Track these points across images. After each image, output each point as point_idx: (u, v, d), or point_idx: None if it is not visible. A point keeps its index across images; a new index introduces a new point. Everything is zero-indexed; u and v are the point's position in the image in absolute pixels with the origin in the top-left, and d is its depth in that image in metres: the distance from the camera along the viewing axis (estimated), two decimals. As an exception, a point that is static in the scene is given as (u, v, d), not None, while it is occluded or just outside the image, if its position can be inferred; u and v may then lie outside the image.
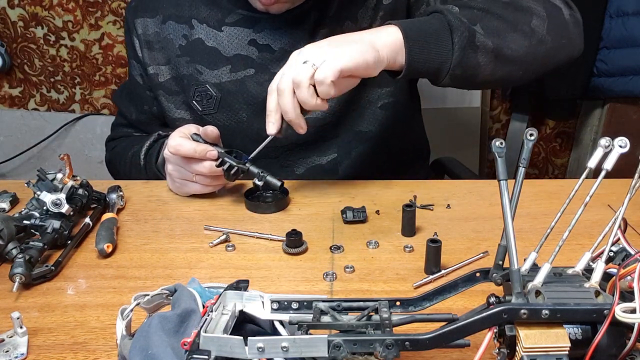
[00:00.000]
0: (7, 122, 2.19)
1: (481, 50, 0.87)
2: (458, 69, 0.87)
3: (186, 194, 0.95)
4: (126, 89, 1.19)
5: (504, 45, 0.89)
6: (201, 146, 0.88)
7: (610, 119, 1.83)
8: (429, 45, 0.85)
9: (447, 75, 0.87)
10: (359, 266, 0.75)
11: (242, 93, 1.04)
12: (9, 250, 0.73)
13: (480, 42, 0.87)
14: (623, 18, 1.64)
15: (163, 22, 1.06)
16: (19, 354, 0.60)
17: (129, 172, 1.09)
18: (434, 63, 0.86)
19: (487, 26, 0.88)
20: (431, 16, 0.89)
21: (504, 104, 2.08)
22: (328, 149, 1.07)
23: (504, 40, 0.89)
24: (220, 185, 0.95)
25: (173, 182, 0.95)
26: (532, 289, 0.46)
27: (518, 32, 0.90)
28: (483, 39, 0.87)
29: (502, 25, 0.89)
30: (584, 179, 0.48)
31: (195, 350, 0.44)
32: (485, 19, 0.89)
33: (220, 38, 1.03)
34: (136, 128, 1.18)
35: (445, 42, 0.85)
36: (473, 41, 0.86)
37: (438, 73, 0.87)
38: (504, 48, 0.89)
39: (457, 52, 0.85)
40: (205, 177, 0.91)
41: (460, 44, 0.85)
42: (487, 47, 0.87)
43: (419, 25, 0.86)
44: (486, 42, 0.87)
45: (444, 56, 0.85)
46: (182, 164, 0.91)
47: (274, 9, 0.97)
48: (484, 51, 0.88)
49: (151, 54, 1.07)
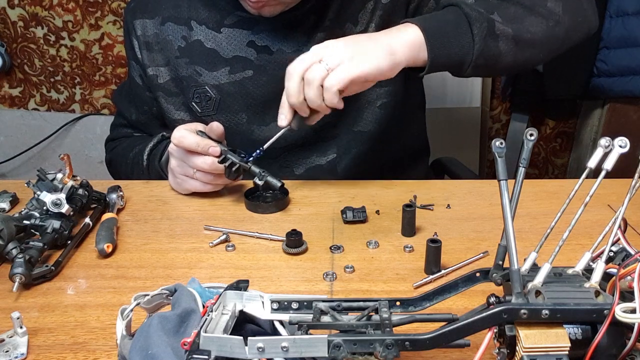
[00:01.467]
0: (7, 122, 2.19)
1: (501, 38, 0.88)
2: (480, 59, 0.87)
3: (186, 191, 0.95)
4: (125, 89, 1.19)
5: (523, 30, 0.90)
6: (205, 141, 0.88)
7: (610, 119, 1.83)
8: (449, 39, 0.85)
9: (469, 66, 0.88)
10: (359, 266, 0.75)
11: (241, 94, 1.04)
12: (9, 250, 0.73)
13: (499, 30, 0.88)
14: (623, 18, 1.64)
15: (162, 24, 1.06)
16: (19, 354, 0.60)
17: (131, 172, 1.09)
18: (456, 56, 0.87)
19: (504, 13, 0.89)
20: (446, 10, 0.90)
21: (504, 104, 2.08)
22: (327, 149, 1.07)
23: (522, 25, 0.90)
24: (220, 186, 0.95)
25: (174, 178, 0.95)
26: (532, 289, 0.46)
27: (535, 16, 0.91)
28: (502, 26, 0.88)
29: (519, 10, 0.90)
30: (584, 179, 0.48)
31: (195, 350, 0.44)
32: (501, 6, 0.89)
33: (219, 39, 1.03)
34: (136, 128, 1.18)
35: (465, 34, 0.86)
36: (493, 30, 0.87)
37: (461, 65, 0.88)
38: (524, 33, 0.90)
39: (478, 43, 0.86)
40: (206, 173, 0.91)
41: (481, 34, 0.86)
42: (507, 34, 0.88)
43: (436, 20, 0.87)
44: (505, 30, 0.88)
45: (465, 48, 0.86)
46: (184, 158, 0.90)
47: (265, 12, 0.97)
48: (505, 38, 0.88)
49: (150, 55, 1.07)
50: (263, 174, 0.88)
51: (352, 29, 1.01)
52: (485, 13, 0.88)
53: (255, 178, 0.88)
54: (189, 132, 0.89)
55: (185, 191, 0.96)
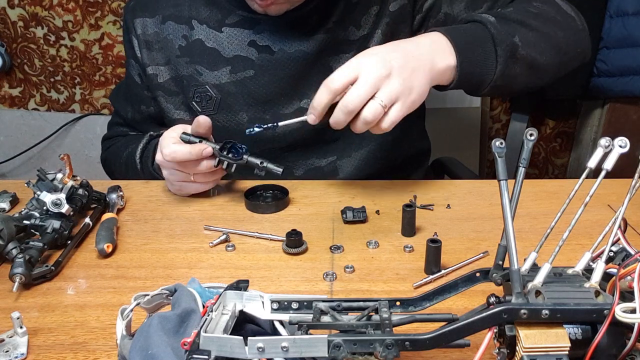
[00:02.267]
0: (7, 122, 2.19)
1: (520, 62, 0.90)
2: (499, 81, 0.89)
3: (187, 194, 0.95)
4: (123, 88, 1.19)
5: (537, 57, 0.92)
6: (195, 147, 0.87)
7: (610, 119, 1.83)
8: (476, 58, 0.87)
9: (488, 86, 0.89)
10: (359, 266, 0.75)
11: (242, 94, 1.04)
12: (9, 250, 0.73)
13: (520, 55, 0.90)
14: (623, 18, 1.64)
15: (162, 22, 1.06)
16: (19, 354, 0.60)
17: (125, 172, 1.08)
18: (479, 76, 0.88)
19: (524, 37, 0.90)
20: (474, 26, 0.90)
21: (504, 104, 2.08)
22: (327, 152, 1.07)
23: (537, 52, 0.92)
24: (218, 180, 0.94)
25: (172, 185, 0.95)
26: (532, 289, 0.46)
27: (548, 44, 0.93)
28: (522, 50, 0.90)
29: (537, 36, 0.92)
30: (584, 179, 0.48)
31: (195, 350, 0.44)
32: (522, 31, 0.91)
33: (220, 39, 1.03)
34: (132, 127, 1.18)
35: (490, 54, 0.88)
36: (514, 54, 0.89)
37: (480, 85, 0.90)
38: (538, 59, 0.92)
39: (501, 65, 0.88)
40: (204, 174, 0.91)
41: (505, 56, 0.88)
42: (525, 58, 0.90)
43: (467, 38, 0.87)
44: (525, 54, 0.90)
45: (489, 69, 0.88)
46: (179, 167, 0.90)
47: (272, 11, 0.97)
48: (522, 63, 0.90)
49: (150, 54, 1.07)
50: (262, 164, 0.87)
51: (354, 33, 1.01)
52: (509, 36, 0.89)
53: (255, 170, 0.87)
54: (177, 145, 0.88)
55: (187, 194, 0.96)
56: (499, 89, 0.92)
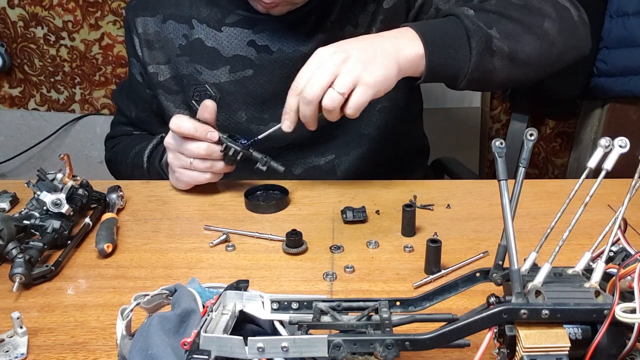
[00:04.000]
0: (7, 122, 2.19)
1: (497, 54, 0.89)
2: (475, 74, 0.88)
3: (186, 185, 0.95)
4: (126, 87, 1.19)
5: (518, 49, 0.90)
6: (203, 126, 0.88)
7: (610, 119, 1.83)
8: (447, 51, 0.86)
9: (464, 79, 0.89)
10: (359, 266, 0.75)
11: (241, 93, 1.04)
12: (9, 250, 0.73)
13: (496, 47, 0.88)
14: (623, 18, 1.64)
15: (163, 22, 1.06)
16: (19, 354, 0.60)
17: (131, 172, 1.09)
18: (452, 69, 0.87)
19: (502, 30, 0.89)
20: (447, 19, 0.90)
21: (504, 104, 2.08)
22: (326, 150, 1.07)
23: (518, 44, 0.90)
24: (219, 175, 0.93)
25: (173, 174, 0.95)
26: (532, 289, 0.46)
27: (532, 35, 0.91)
28: (499, 43, 0.88)
29: (517, 28, 0.90)
30: (584, 179, 0.48)
31: (195, 350, 0.44)
32: (500, 23, 0.90)
33: (220, 38, 1.03)
34: (135, 126, 1.18)
35: (463, 48, 0.87)
36: (490, 46, 0.88)
37: (455, 78, 0.89)
38: (519, 52, 0.90)
39: (475, 58, 0.87)
40: (203, 160, 0.90)
41: (478, 49, 0.87)
42: (503, 51, 0.89)
43: (437, 30, 0.87)
44: (502, 47, 0.88)
45: (461, 62, 0.87)
46: (180, 147, 0.90)
47: (275, 11, 0.97)
48: (500, 55, 0.89)
49: (151, 53, 1.08)
50: (265, 159, 0.88)
51: (352, 32, 1.01)
52: (485, 28, 0.88)
53: (258, 164, 0.88)
54: (187, 118, 0.89)
55: (186, 185, 0.95)
56: (478, 83, 0.91)
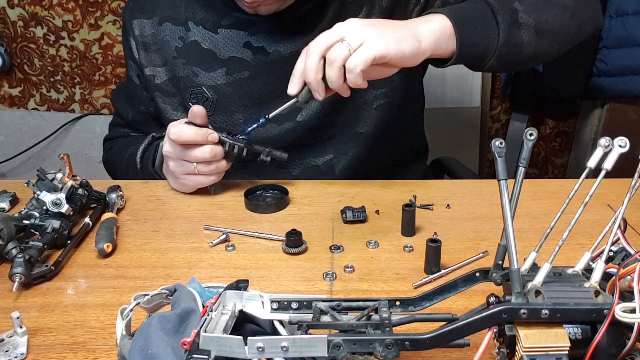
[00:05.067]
0: (7, 122, 2.20)
1: (524, 27, 0.89)
2: (504, 49, 0.88)
3: (191, 189, 0.95)
4: (123, 89, 1.19)
5: (543, 21, 0.91)
6: (202, 130, 0.88)
7: (610, 119, 1.83)
8: (476, 28, 0.86)
9: (493, 56, 0.89)
10: (359, 266, 0.75)
11: (238, 95, 1.04)
12: (9, 250, 0.73)
13: (522, 20, 0.89)
14: (623, 18, 1.64)
15: (160, 24, 1.06)
16: (19, 354, 0.60)
17: (126, 173, 1.09)
18: (482, 45, 0.87)
19: (525, 3, 0.90)
20: (469, 1, 0.91)
21: (504, 104, 2.08)
22: (324, 150, 1.07)
23: (542, 16, 0.91)
24: (222, 174, 0.94)
25: (176, 180, 0.95)
26: (532, 289, 0.46)
27: (553, 7, 0.93)
28: (525, 16, 0.89)
29: (540, 1, 0.92)
30: (584, 179, 0.48)
31: (195, 350, 0.44)
32: None
33: (216, 40, 1.03)
34: (133, 128, 1.18)
35: (491, 24, 0.87)
36: (516, 19, 0.88)
37: (485, 55, 0.89)
38: (544, 24, 0.91)
39: (503, 32, 0.87)
40: (208, 164, 0.90)
41: (506, 23, 0.87)
42: (529, 23, 0.90)
43: (463, 11, 0.87)
44: (528, 19, 0.89)
45: (491, 38, 0.87)
46: (183, 154, 0.90)
47: (262, 11, 0.97)
48: (527, 28, 0.90)
49: (148, 55, 1.07)
50: (267, 150, 0.89)
51: None
52: (508, 2, 0.89)
53: (262, 156, 0.89)
54: (185, 126, 0.88)
55: (191, 189, 0.95)
56: (507, 59, 0.90)
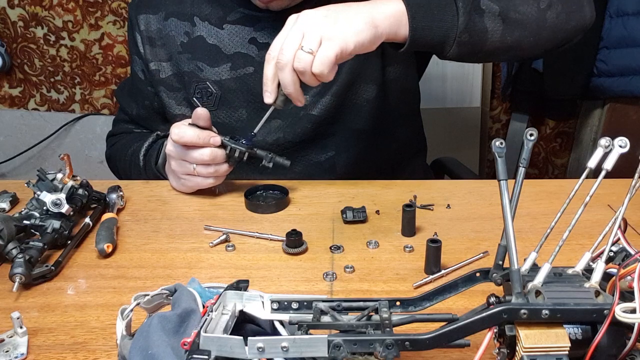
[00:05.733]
0: (7, 122, 2.20)
1: (487, 14, 0.85)
2: (465, 35, 0.84)
3: (191, 189, 0.95)
4: (128, 84, 1.20)
5: (510, 8, 0.86)
6: (204, 132, 0.88)
7: (610, 119, 1.83)
8: (432, 12, 0.82)
9: (454, 43, 0.84)
10: (359, 266, 0.75)
11: (242, 91, 1.04)
12: (9, 250, 0.73)
13: (485, 5, 0.85)
14: (623, 18, 1.64)
15: (165, 19, 1.07)
16: (19, 354, 0.60)
17: (129, 170, 1.09)
18: (439, 31, 0.83)
19: None
20: None
21: (503, 104, 2.08)
22: (325, 147, 1.07)
23: (510, 3, 0.86)
24: (223, 177, 0.93)
25: (178, 180, 0.95)
26: (532, 289, 0.46)
27: None
28: (488, 1, 0.85)
29: None
30: (584, 179, 0.48)
31: (195, 350, 0.44)
32: None
33: (222, 36, 1.04)
34: (136, 124, 1.19)
35: (449, 7, 0.83)
36: (478, 5, 0.84)
37: (444, 42, 0.84)
38: (511, 11, 0.86)
39: (462, 17, 0.83)
40: (207, 165, 0.90)
41: (465, 7, 0.83)
42: (493, 10, 0.85)
43: None
44: (492, 5, 0.85)
45: (449, 22, 0.83)
46: (183, 155, 0.90)
47: (274, 6, 0.98)
48: (490, 15, 0.85)
49: (153, 50, 1.08)
50: (270, 155, 0.89)
51: None
52: None
53: (264, 161, 0.89)
54: (187, 127, 0.88)
55: (189, 190, 0.95)
56: (470, 47, 0.86)
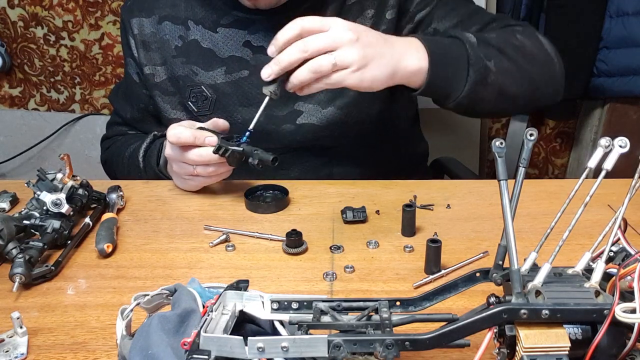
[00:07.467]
0: (7, 122, 2.19)
1: (489, 87, 0.92)
2: (465, 100, 0.91)
3: (196, 188, 0.95)
4: (122, 87, 1.19)
5: (508, 86, 0.94)
6: (200, 132, 0.87)
7: (610, 119, 1.83)
8: (447, 73, 0.88)
9: (453, 102, 0.91)
10: (359, 266, 0.75)
11: (237, 94, 1.04)
12: (9, 250, 0.73)
13: (491, 80, 0.91)
14: (623, 18, 1.64)
15: (159, 23, 1.06)
16: (19, 354, 0.60)
17: (127, 172, 1.08)
18: (446, 90, 0.90)
19: (499, 65, 0.92)
20: (453, 41, 0.92)
21: (504, 104, 2.08)
22: (323, 157, 1.07)
23: (509, 82, 0.94)
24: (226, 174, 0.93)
25: (183, 181, 0.95)
26: (532, 289, 0.46)
27: (522, 77, 0.95)
28: (494, 77, 0.91)
29: (512, 67, 0.94)
30: (584, 179, 0.48)
31: (195, 350, 0.44)
32: (498, 58, 0.92)
33: (216, 39, 1.03)
34: (131, 126, 1.18)
35: (461, 73, 0.89)
36: (485, 78, 0.91)
37: (446, 98, 0.92)
38: (508, 89, 0.94)
39: (469, 86, 0.89)
40: (206, 166, 0.89)
41: (475, 77, 0.89)
42: (495, 85, 0.92)
43: (443, 50, 0.89)
44: (495, 81, 0.92)
45: (457, 86, 0.90)
46: (181, 156, 0.89)
47: (261, 4, 0.97)
48: (492, 88, 0.92)
49: (147, 54, 1.08)
50: (255, 152, 0.86)
51: None
52: (484, 59, 0.90)
53: (250, 158, 0.87)
54: (184, 128, 0.88)
55: (195, 188, 0.95)
56: (465, 108, 0.94)
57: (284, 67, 0.79)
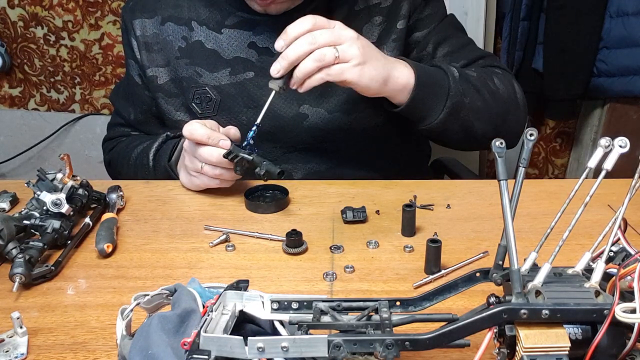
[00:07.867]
0: (7, 122, 2.20)
1: (460, 120, 0.97)
2: (436, 126, 0.96)
3: (198, 187, 0.95)
4: (123, 88, 1.18)
5: (476, 125, 0.99)
6: (216, 134, 0.87)
7: (610, 119, 1.83)
8: (427, 99, 0.94)
9: (426, 126, 0.97)
10: (359, 266, 0.75)
11: (242, 96, 1.04)
12: (9, 250, 0.73)
13: (463, 115, 0.97)
14: (623, 18, 1.64)
15: (162, 24, 1.06)
16: (19, 354, 0.60)
17: (134, 172, 1.07)
18: (422, 113, 0.96)
19: (473, 103, 0.97)
20: (437, 70, 0.97)
21: (504, 104, 2.08)
22: (328, 158, 1.07)
23: (477, 121, 0.99)
24: (230, 182, 0.93)
25: (188, 176, 0.94)
26: (532, 289, 0.46)
27: (489, 118, 1.00)
28: (465, 113, 0.97)
29: (484, 108, 0.99)
30: (584, 179, 0.48)
31: (195, 350, 0.44)
32: (474, 97, 0.98)
33: (220, 40, 1.03)
34: (134, 128, 1.17)
35: (440, 101, 0.95)
36: (459, 112, 0.96)
37: (420, 121, 0.97)
38: (475, 127, 1.00)
39: (443, 115, 0.95)
40: (213, 167, 0.89)
41: (450, 109, 0.95)
42: (465, 121, 0.98)
43: (428, 76, 0.95)
44: (466, 116, 0.97)
45: (433, 112, 0.95)
46: (194, 151, 0.89)
47: (272, 10, 0.97)
48: (461, 123, 0.98)
49: (150, 55, 1.07)
50: (264, 163, 0.87)
51: None
52: (462, 95, 0.95)
53: (257, 168, 0.88)
54: (201, 125, 0.88)
55: (197, 188, 0.95)
56: (433, 134, 1.01)
57: (292, 62, 0.83)
